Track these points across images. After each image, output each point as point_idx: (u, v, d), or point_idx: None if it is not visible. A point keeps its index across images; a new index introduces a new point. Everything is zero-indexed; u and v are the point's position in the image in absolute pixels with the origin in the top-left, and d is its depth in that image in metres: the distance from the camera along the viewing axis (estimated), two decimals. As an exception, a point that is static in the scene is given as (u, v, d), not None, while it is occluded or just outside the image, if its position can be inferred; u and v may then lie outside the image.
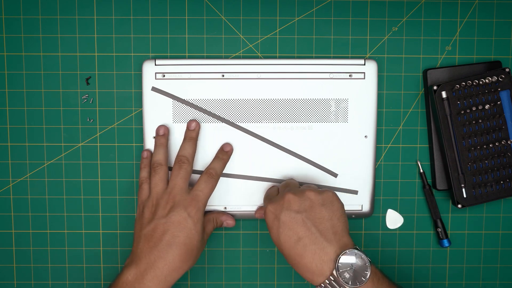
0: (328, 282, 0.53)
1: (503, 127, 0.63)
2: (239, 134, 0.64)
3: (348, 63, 0.63)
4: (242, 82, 0.63)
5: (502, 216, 0.67)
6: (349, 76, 0.64)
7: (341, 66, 0.63)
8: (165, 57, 0.64)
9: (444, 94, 0.62)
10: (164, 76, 0.63)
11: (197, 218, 0.58)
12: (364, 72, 0.64)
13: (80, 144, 0.65)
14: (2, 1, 0.64)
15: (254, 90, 0.64)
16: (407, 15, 0.65)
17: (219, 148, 0.63)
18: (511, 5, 0.65)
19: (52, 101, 0.65)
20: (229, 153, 0.63)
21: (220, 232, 0.67)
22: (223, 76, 0.63)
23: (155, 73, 0.63)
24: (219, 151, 0.63)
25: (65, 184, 0.66)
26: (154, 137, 0.63)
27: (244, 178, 0.65)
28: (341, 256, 0.53)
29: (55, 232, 0.66)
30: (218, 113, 0.64)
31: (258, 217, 0.65)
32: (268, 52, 0.65)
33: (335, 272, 0.52)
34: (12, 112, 0.65)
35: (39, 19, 0.64)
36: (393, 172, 0.67)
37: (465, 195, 0.63)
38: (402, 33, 0.65)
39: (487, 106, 0.62)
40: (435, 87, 0.62)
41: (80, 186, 0.66)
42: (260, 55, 0.65)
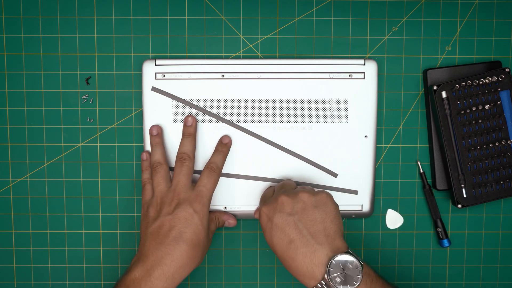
0: (320, 286, 0.52)
1: (503, 127, 0.63)
2: (239, 134, 0.64)
3: (348, 63, 0.63)
4: (242, 82, 0.63)
5: (502, 216, 0.67)
6: (349, 76, 0.64)
7: (341, 66, 0.63)
8: (165, 57, 0.64)
9: (444, 94, 0.62)
10: (164, 76, 0.63)
11: (203, 214, 0.58)
12: (364, 72, 0.64)
13: (80, 144, 0.65)
14: (2, 1, 0.64)
15: (254, 90, 0.64)
16: (407, 15, 0.65)
17: (218, 141, 0.63)
18: (511, 5, 0.65)
19: (52, 101, 0.65)
20: (228, 145, 0.63)
21: (220, 232, 0.67)
22: (223, 76, 0.63)
23: (155, 73, 0.63)
24: (218, 144, 0.63)
25: (65, 184, 0.66)
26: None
27: (244, 178, 0.65)
28: (333, 260, 0.52)
29: (55, 232, 0.66)
30: (218, 113, 0.64)
31: (257, 217, 0.65)
32: (268, 52, 0.65)
33: (326, 276, 0.52)
34: (12, 112, 0.65)
35: (39, 19, 0.64)
36: (393, 172, 0.67)
37: (465, 195, 0.63)
38: (402, 33, 0.65)
39: (487, 106, 0.62)
40: (435, 87, 0.62)
41: (80, 186, 0.66)
42: (260, 55, 0.65)
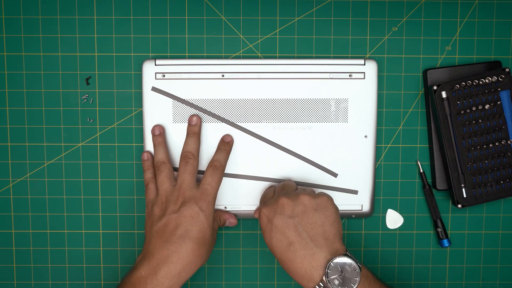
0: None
1: (503, 127, 0.63)
2: (239, 134, 0.64)
3: (348, 63, 0.63)
4: (242, 82, 0.63)
5: (502, 216, 0.67)
6: (349, 76, 0.64)
7: (341, 66, 0.63)
8: (165, 57, 0.64)
9: (444, 94, 0.62)
10: (164, 76, 0.63)
11: (209, 212, 0.58)
12: (364, 72, 0.64)
13: (80, 144, 0.65)
14: (2, 1, 0.64)
15: (254, 90, 0.64)
16: (407, 15, 0.65)
17: (220, 140, 0.63)
18: (511, 5, 0.65)
19: (52, 101, 0.65)
20: (231, 144, 0.63)
21: (220, 232, 0.67)
22: (223, 76, 0.63)
23: (155, 73, 0.63)
24: (220, 143, 0.63)
25: (65, 184, 0.66)
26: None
27: (244, 178, 0.65)
28: (331, 263, 0.52)
29: (55, 232, 0.66)
30: (218, 113, 0.64)
31: (257, 217, 0.65)
32: (268, 52, 0.65)
33: (325, 278, 0.52)
34: (12, 112, 0.65)
35: (39, 19, 0.64)
36: (393, 172, 0.67)
37: (465, 195, 0.63)
38: (402, 33, 0.65)
39: (487, 106, 0.62)
40: (435, 87, 0.62)
41: (80, 186, 0.66)
42: (260, 55, 0.65)
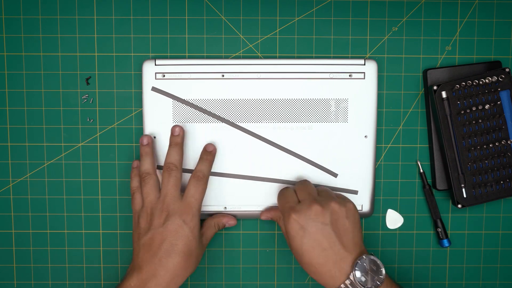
0: (344, 286, 0.56)
1: (503, 127, 0.63)
2: (239, 134, 0.64)
3: (348, 63, 0.63)
4: (242, 82, 0.63)
5: (502, 216, 0.67)
6: (349, 76, 0.64)
7: (341, 66, 0.63)
8: (165, 57, 0.64)
9: (444, 94, 0.62)
10: (164, 76, 0.63)
11: (193, 225, 0.59)
12: (364, 72, 0.64)
13: (80, 144, 0.65)
14: (2, 1, 0.64)
15: (254, 90, 0.64)
16: (407, 15, 0.65)
17: (202, 149, 0.63)
18: (511, 5, 0.65)
19: (52, 101, 0.65)
20: (213, 153, 0.63)
21: (220, 232, 0.67)
22: (223, 76, 0.63)
23: (155, 73, 0.63)
24: (203, 153, 0.63)
25: (65, 184, 0.66)
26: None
27: (244, 178, 0.65)
28: (358, 261, 0.56)
29: (55, 232, 0.66)
30: (218, 113, 0.64)
31: (265, 219, 0.65)
32: (268, 52, 0.65)
33: (352, 277, 0.55)
34: (12, 112, 0.65)
35: (39, 19, 0.64)
36: (393, 172, 0.67)
37: (465, 195, 0.63)
38: (402, 33, 0.65)
39: (487, 106, 0.62)
40: (435, 87, 0.62)
41: (80, 186, 0.66)
42: (260, 55, 0.65)
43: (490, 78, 0.62)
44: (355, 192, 0.65)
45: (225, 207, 0.65)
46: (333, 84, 0.64)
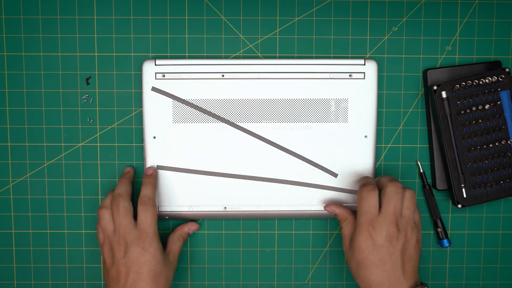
0: None
1: (503, 127, 0.63)
2: (239, 134, 0.64)
3: (348, 63, 0.63)
4: (242, 82, 0.63)
5: (502, 216, 0.67)
6: (349, 76, 0.64)
7: (341, 66, 0.63)
8: (165, 57, 0.64)
9: (444, 94, 0.62)
10: (164, 76, 0.63)
11: (154, 249, 0.59)
12: (364, 72, 0.64)
13: (80, 144, 0.65)
14: (2, 1, 0.64)
15: (254, 90, 0.64)
16: (407, 15, 0.65)
17: (143, 174, 0.63)
18: (511, 5, 0.65)
19: (52, 101, 0.65)
20: (154, 175, 0.63)
21: (220, 232, 0.67)
22: (223, 76, 0.63)
23: (155, 73, 0.63)
24: (144, 177, 0.63)
25: (65, 184, 0.66)
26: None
27: (244, 178, 0.65)
28: None
29: (55, 232, 0.66)
30: (218, 113, 0.64)
31: (329, 211, 0.64)
32: (268, 52, 0.65)
33: None
34: (12, 112, 0.65)
35: (39, 19, 0.64)
36: (393, 172, 0.66)
37: (465, 195, 0.63)
38: (402, 33, 0.65)
39: (487, 106, 0.62)
40: (435, 87, 0.62)
41: (80, 186, 0.66)
42: (260, 55, 0.65)
43: (490, 78, 0.62)
44: (355, 192, 0.65)
45: (225, 207, 0.65)
46: (333, 84, 0.64)
